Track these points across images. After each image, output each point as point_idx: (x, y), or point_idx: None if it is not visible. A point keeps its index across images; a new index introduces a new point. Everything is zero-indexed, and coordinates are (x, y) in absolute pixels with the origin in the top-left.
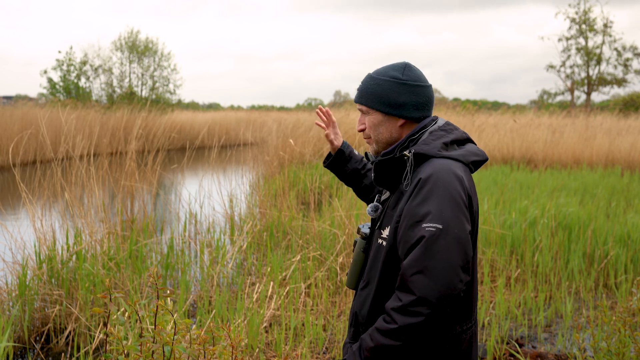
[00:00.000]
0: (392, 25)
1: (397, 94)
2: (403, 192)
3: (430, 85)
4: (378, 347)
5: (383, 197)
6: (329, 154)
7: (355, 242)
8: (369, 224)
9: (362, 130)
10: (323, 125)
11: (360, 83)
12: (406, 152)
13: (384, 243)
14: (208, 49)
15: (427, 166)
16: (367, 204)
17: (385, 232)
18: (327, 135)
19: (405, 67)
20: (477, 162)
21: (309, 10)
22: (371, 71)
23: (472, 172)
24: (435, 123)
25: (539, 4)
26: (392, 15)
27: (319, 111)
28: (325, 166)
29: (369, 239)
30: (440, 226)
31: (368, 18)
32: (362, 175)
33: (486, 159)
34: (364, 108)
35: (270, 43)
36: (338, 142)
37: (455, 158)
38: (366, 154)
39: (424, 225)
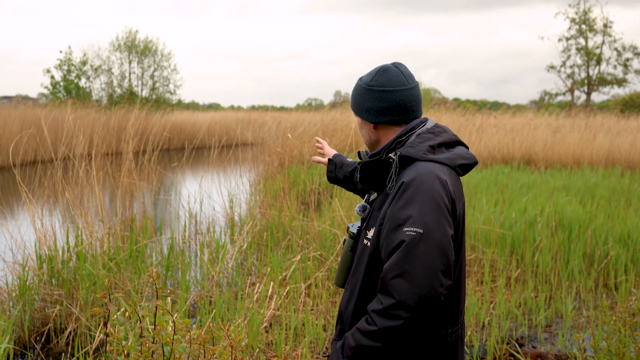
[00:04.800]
0: (402, 25)
1: (364, 99)
2: (388, 194)
3: (404, 89)
4: (359, 347)
5: (372, 198)
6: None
7: (345, 240)
8: (359, 223)
9: None
10: (322, 159)
11: None
12: (392, 155)
13: (369, 244)
14: (217, 49)
15: (411, 169)
16: None
17: (370, 233)
18: (317, 159)
19: (379, 72)
20: (465, 166)
21: (319, 10)
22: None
23: (461, 175)
24: (424, 125)
25: (549, 4)
26: (402, 15)
27: (317, 144)
28: (329, 181)
29: (356, 238)
30: (420, 230)
31: (378, 17)
32: (354, 181)
33: (475, 163)
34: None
35: (279, 43)
36: (328, 156)
37: (440, 161)
38: (359, 153)
39: (405, 229)
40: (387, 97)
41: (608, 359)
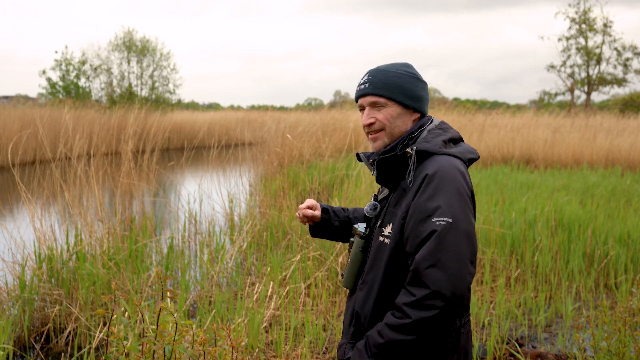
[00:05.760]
0: (402, 25)
1: (417, 88)
2: (406, 189)
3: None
4: (388, 343)
5: (381, 196)
6: (314, 224)
7: (351, 241)
8: (365, 223)
9: (371, 124)
10: (315, 212)
11: (366, 77)
12: (409, 150)
13: (387, 241)
14: (217, 49)
15: (431, 162)
16: None
17: (387, 230)
18: (308, 219)
19: (412, 67)
20: (471, 160)
21: (319, 10)
22: (373, 67)
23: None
24: (432, 122)
25: (549, 3)
26: (402, 15)
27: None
28: (314, 235)
29: (367, 238)
30: (450, 220)
31: (378, 17)
32: (353, 219)
33: (478, 157)
34: (381, 100)
35: (279, 43)
36: (318, 210)
37: (455, 155)
38: (357, 155)
39: (435, 219)
40: (427, 90)
41: (608, 359)
